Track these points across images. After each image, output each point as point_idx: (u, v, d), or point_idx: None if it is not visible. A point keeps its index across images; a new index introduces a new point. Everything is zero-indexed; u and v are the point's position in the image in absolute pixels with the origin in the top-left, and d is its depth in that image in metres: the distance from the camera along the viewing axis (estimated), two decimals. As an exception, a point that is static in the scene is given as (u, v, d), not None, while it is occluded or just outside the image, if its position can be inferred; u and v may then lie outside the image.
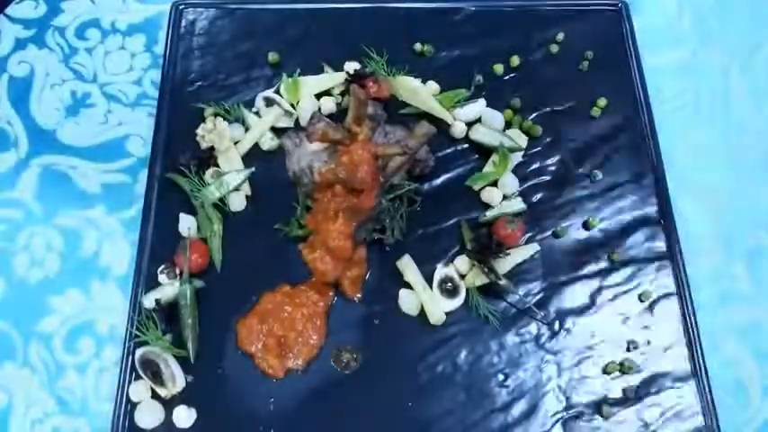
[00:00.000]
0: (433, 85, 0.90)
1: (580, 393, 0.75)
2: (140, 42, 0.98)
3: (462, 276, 0.80)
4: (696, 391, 0.75)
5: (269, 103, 0.89)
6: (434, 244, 0.82)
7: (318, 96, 0.90)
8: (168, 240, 0.81)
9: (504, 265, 0.80)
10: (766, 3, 1.01)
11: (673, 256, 0.81)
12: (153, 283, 0.78)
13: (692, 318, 0.78)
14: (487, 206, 0.84)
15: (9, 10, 0.99)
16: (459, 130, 0.88)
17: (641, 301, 0.79)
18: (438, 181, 0.86)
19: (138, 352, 0.74)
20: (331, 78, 0.90)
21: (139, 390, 0.73)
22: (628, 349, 0.77)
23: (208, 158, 0.85)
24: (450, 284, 0.79)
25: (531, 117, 0.89)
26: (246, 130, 0.88)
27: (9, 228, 0.85)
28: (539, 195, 0.85)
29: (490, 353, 0.77)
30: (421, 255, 0.81)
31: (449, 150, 0.88)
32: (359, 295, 0.79)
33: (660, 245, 0.82)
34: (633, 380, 0.75)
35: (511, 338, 0.78)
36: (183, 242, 0.79)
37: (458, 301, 0.78)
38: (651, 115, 0.89)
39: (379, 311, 0.79)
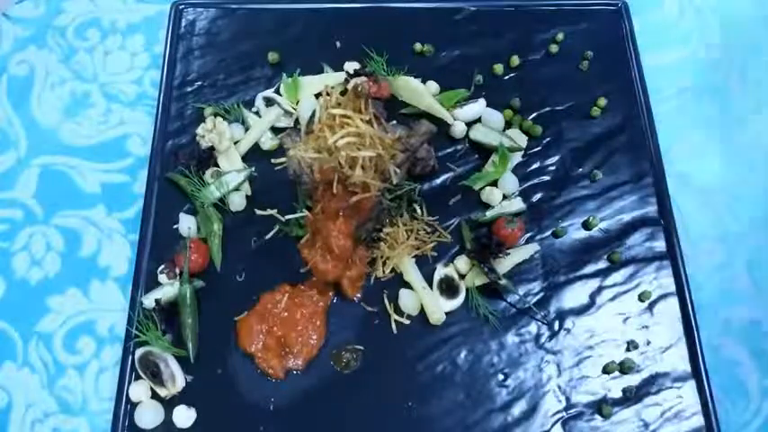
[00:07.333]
0: (433, 85, 0.90)
1: (580, 393, 0.75)
2: (140, 42, 0.98)
3: (462, 276, 0.80)
4: (696, 391, 0.75)
5: (269, 102, 0.89)
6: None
7: (318, 96, 0.90)
8: (168, 240, 0.81)
9: (504, 265, 0.80)
10: (766, 3, 1.01)
11: (673, 256, 0.81)
12: (153, 283, 0.78)
13: (692, 318, 0.78)
14: (487, 206, 0.84)
15: (9, 10, 0.99)
16: (459, 129, 0.88)
17: (641, 301, 0.79)
18: (438, 181, 0.86)
19: (138, 352, 0.74)
20: (331, 78, 0.90)
21: (139, 390, 0.73)
22: (628, 349, 0.77)
23: (208, 158, 0.85)
24: (450, 284, 0.79)
25: (531, 117, 0.89)
26: (246, 129, 0.88)
27: (9, 228, 0.85)
28: (539, 195, 0.85)
29: (490, 353, 0.77)
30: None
31: (449, 150, 0.88)
32: (359, 295, 0.79)
33: (660, 245, 0.82)
34: (633, 380, 0.75)
35: (511, 338, 0.78)
36: (183, 242, 0.79)
37: (458, 301, 0.78)
38: (651, 115, 0.89)
39: (379, 311, 0.79)
